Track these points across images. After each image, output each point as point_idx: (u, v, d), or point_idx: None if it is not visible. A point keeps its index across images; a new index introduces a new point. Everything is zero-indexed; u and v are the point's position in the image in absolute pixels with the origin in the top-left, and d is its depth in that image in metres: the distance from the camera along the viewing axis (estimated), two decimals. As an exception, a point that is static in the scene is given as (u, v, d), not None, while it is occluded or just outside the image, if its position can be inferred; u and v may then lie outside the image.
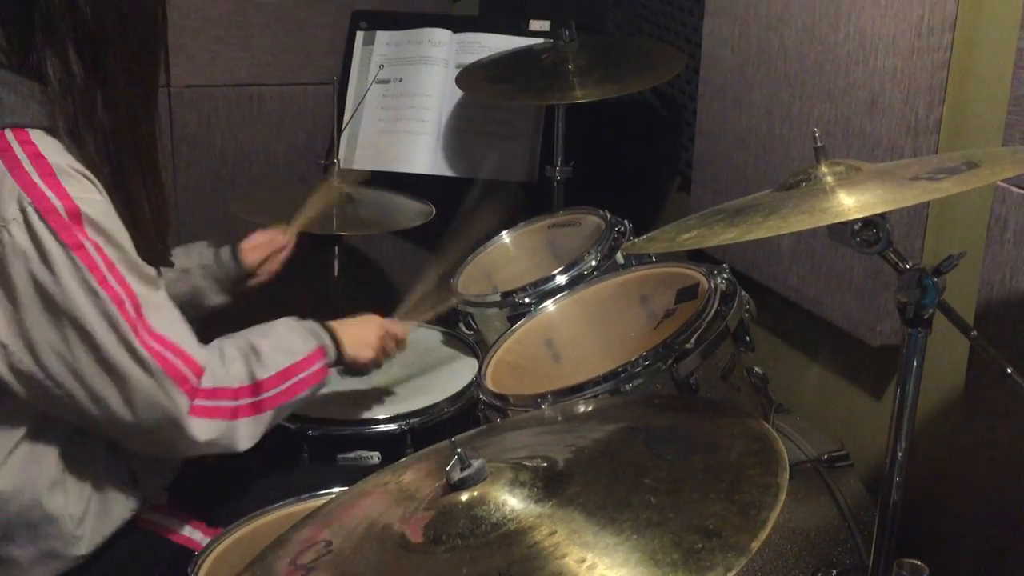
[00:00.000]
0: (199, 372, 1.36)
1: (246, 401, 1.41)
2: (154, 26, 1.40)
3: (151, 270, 1.40)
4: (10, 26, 1.31)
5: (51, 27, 1.30)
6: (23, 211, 1.24)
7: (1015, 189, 1.34)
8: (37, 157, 1.28)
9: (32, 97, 1.30)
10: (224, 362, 1.41)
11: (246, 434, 1.42)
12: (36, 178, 1.26)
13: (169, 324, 1.36)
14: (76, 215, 1.27)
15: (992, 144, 1.47)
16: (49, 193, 1.26)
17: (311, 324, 1.56)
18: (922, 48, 1.53)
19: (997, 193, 1.37)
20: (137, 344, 1.29)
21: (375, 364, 1.66)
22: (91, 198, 1.30)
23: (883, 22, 1.57)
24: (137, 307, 1.31)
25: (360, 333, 1.63)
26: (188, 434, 1.35)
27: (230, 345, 1.45)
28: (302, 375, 1.48)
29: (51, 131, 1.31)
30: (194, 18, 2.41)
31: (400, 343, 1.72)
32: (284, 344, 1.49)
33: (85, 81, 1.32)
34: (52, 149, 1.30)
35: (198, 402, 1.35)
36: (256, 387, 1.42)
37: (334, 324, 1.59)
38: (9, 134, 1.28)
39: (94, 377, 1.29)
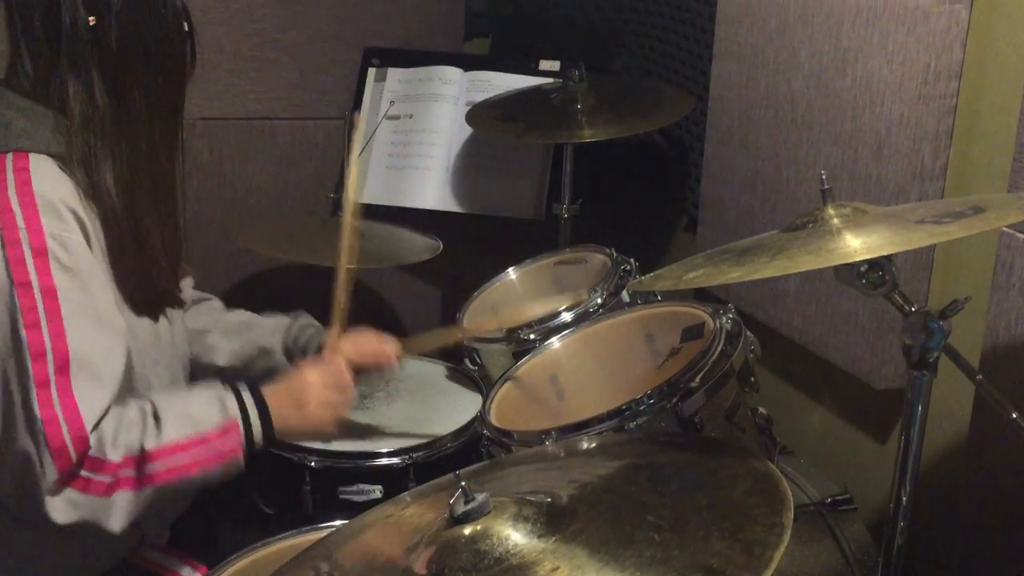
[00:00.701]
0: (83, 447, 1.25)
1: (127, 473, 1.29)
2: (180, 63, 1.41)
3: (117, 325, 1.33)
4: (37, 54, 1.32)
5: (77, 56, 1.31)
6: None
7: (1020, 235, 1.35)
8: (24, 184, 1.26)
9: (44, 124, 1.31)
10: (118, 430, 1.29)
11: (122, 510, 1.29)
12: (15, 205, 1.25)
13: (91, 395, 1.27)
14: (42, 252, 1.24)
15: (997, 190, 1.48)
16: (21, 223, 1.24)
17: (239, 393, 1.42)
18: (928, 95, 1.54)
19: (1003, 239, 1.38)
20: (34, 401, 1.22)
21: (326, 427, 1.51)
22: (69, 238, 1.27)
23: (890, 68, 1.59)
24: (63, 364, 1.24)
25: (294, 400, 1.47)
26: (44, 511, 1.25)
27: (135, 408, 1.33)
28: (202, 451, 1.34)
29: (61, 159, 1.31)
30: (209, 51, 2.42)
31: (347, 390, 1.54)
32: (191, 412, 1.36)
33: (108, 111, 1.34)
34: (47, 179, 1.28)
35: (71, 476, 1.25)
36: (142, 458, 1.29)
37: (270, 392, 1.44)
38: (9, 158, 1.27)
39: None
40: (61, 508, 1.26)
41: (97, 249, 1.35)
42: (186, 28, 1.41)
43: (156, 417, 1.32)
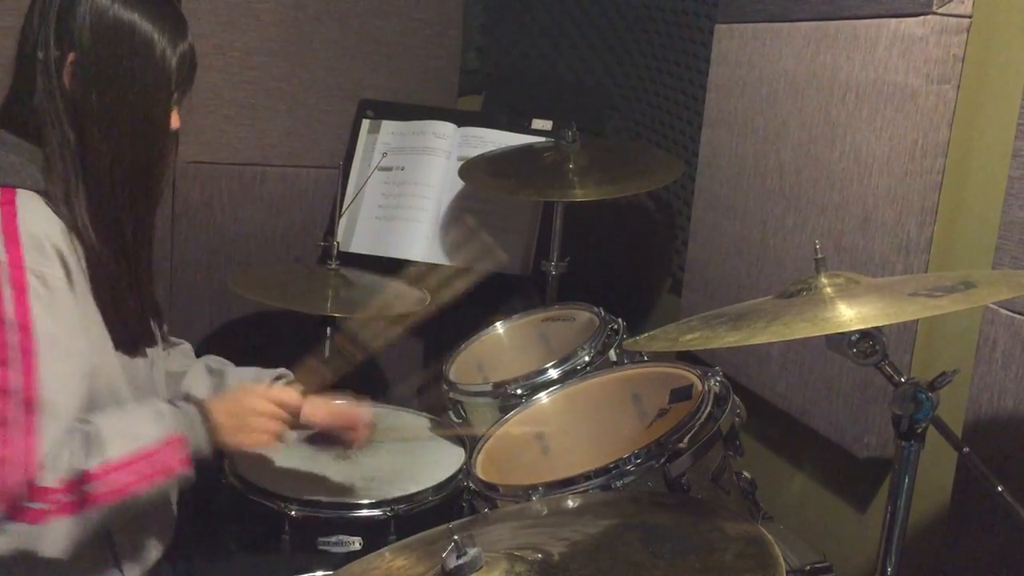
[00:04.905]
0: (30, 487, 1.22)
1: (63, 498, 1.24)
2: (152, 124, 1.40)
3: (84, 365, 1.32)
4: (19, 90, 1.35)
5: (48, 91, 1.34)
6: None
7: (1004, 311, 1.38)
8: (10, 219, 1.27)
9: (33, 161, 1.33)
10: (58, 457, 1.25)
11: (58, 535, 1.24)
12: None
13: (49, 436, 1.24)
14: (21, 288, 1.24)
15: (981, 266, 1.51)
16: (2, 258, 1.24)
17: (181, 406, 1.39)
18: (915, 170, 1.59)
19: (987, 314, 1.40)
20: None
21: (264, 446, 1.47)
22: (50, 274, 1.28)
23: (878, 143, 1.63)
24: (28, 403, 1.22)
25: (238, 414, 1.43)
26: None
27: (79, 432, 1.28)
28: (145, 466, 1.29)
29: (47, 195, 1.32)
30: (206, 96, 2.46)
31: (294, 413, 1.51)
32: (132, 429, 1.32)
33: (76, 149, 1.35)
34: (34, 215, 1.30)
35: (9, 510, 1.22)
36: (82, 480, 1.25)
37: (214, 406, 1.41)
38: None
39: None
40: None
41: (83, 284, 1.35)
42: (171, 91, 1.40)
43: (98, 437, 1.28)
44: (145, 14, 1.37)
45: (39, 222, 1.30)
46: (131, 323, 1.45)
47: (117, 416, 1.35)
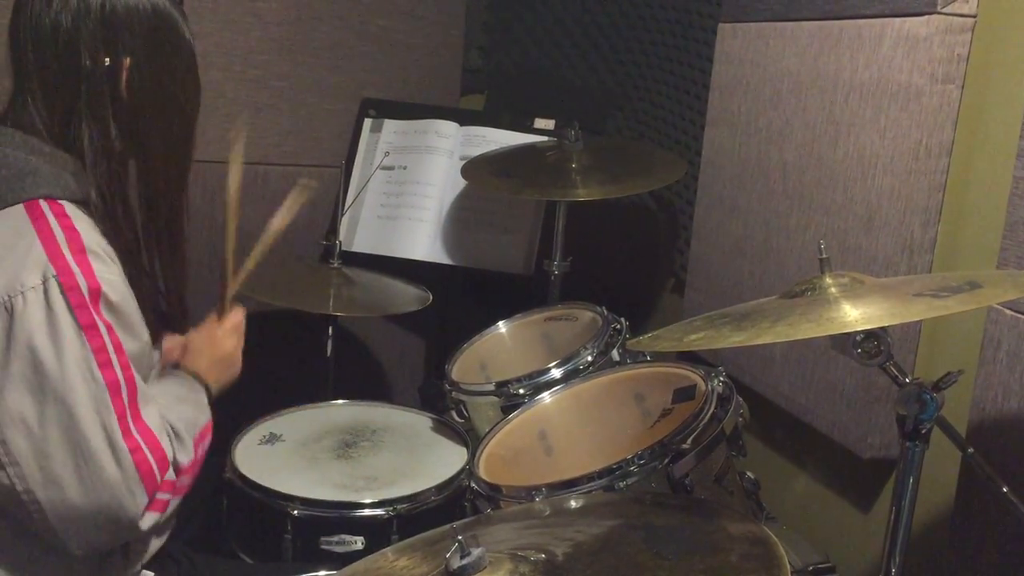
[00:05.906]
0: (167, 466, 1.33)
1: (181, 484, 1.38)
2: (195, 104, 1.44)
3: (152, 356, 1.41)
4: (52, 94, 1.33)
5: (95, 98, 1.33)
6: (45, 282, 1.24)
7: (1008, 311, 1.38)
8: (71, 231, 1.29)
9: (66, 169, 1.32)
10: (179, 450, 1.37)
11: (171, 516, 1.39)
12: (66, 252, 1.27)
13: (156, 414, 1.34)
14: (96, 294, 1.27)
15: (986, 266, 1.51)
16: (76, 269, 1.26)
17: (196, 387, 1.51)
18: (919, 170, 1.58)
19: (990, 314, 1.40)
20: (119, 435, 1.27)
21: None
22: (113, 279, 1.31)
23: (882, 143, 1.63)
24: (133, 395, 1.30)
25: (223, 360, 1.60)
26: (137, 528, 1.31)
27: (170, 426, 1.40)
28: (202, 459, 1.44)
29: (83, 204, 1.33)
30: (206, 95, 2.42)
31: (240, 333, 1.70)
32: (190, 419, 1.44)
33: (122, 152, 1.36)
34: (85, 225, 1.31)
35: (156, 496, 1.33)
36: (179, 472, 1.38)
37: (202, 371, 1.53)
38: (44, 204, 1.29)
39: (57, 457, 1.24)
40: (148, 521, 1.32)
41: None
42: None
43: (178, 431, 1.39)
44: (168, 2, 1.40)
45: (91, 232, 1.32)
46: (163, 313, 1.51)
47: (172, 406, 1.43)
